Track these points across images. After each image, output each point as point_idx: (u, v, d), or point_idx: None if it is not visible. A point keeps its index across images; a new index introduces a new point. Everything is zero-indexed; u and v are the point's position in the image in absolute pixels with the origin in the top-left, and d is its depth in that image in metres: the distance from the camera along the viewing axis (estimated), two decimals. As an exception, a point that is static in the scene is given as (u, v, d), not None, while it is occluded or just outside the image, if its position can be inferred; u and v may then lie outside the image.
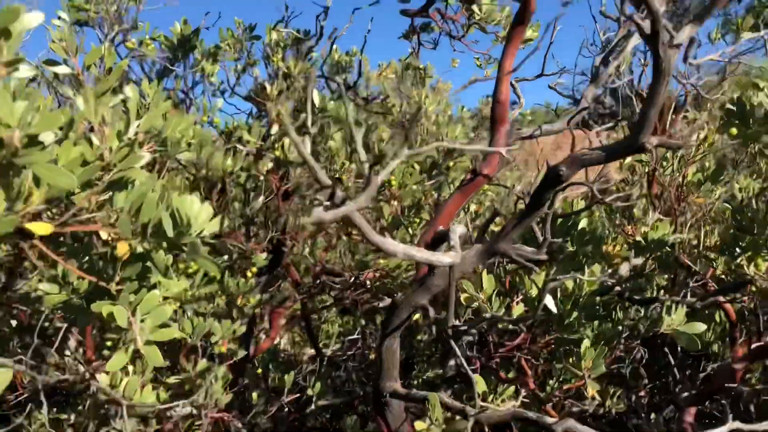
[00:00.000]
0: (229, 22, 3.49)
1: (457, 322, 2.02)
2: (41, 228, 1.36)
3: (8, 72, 1.02)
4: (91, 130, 1.72)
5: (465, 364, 1.91)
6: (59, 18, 3.27)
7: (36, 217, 1.38)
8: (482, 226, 2.18)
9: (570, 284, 2.29)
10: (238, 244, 3.26)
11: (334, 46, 4.11)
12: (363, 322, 5.22)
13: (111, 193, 1.71)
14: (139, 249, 1.75)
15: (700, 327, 2.18)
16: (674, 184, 4.02)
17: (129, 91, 2.73)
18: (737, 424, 1.85)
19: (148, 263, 1.82)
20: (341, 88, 3.47)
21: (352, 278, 3.68)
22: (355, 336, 5.24)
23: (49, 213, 1.51)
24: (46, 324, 2.47)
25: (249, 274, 3.31)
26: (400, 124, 6.32)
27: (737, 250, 2.63)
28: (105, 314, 1.67)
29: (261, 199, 3.36)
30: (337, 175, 3.70)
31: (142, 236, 1.65)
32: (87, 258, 1.83)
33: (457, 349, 1.92)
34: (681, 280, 3.83)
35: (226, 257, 3.47)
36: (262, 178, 3.27)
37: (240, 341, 3.36)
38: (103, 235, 1.70)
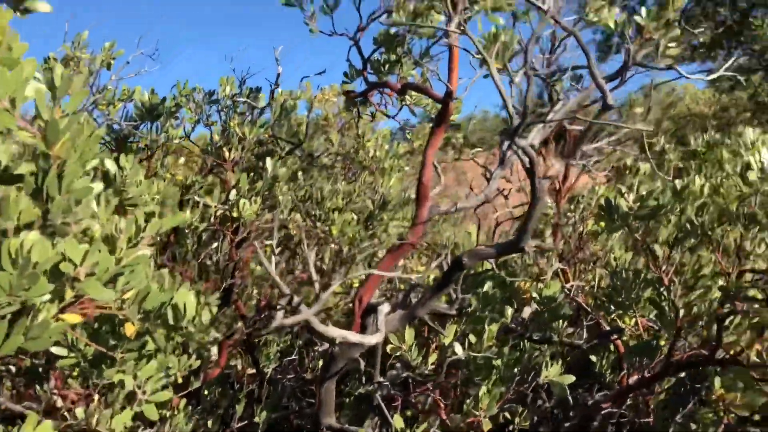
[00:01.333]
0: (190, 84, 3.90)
1: (381, 379, 2.54)
2: (74, 318, 1.82)
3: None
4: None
5: (385, 411, 2.43)
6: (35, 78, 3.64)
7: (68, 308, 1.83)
8: (403, 297, 2.71)
9: (473, 339, 2.84)
10: (192, 282, 3.70)
11: (281, 95, 4.58)
12: (300, 342, 5.68)
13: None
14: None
15: (570, 378, 2.77)
16: (575, 234, 4.68)
17: (108, 163, 3.17)
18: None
19: (148, 339, 2.31)
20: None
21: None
22: (292, 357, 5.69)
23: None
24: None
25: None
26: (343, 157, 6.84)
27: (612, 307, 3.24)
28: (116, 380, 2.16)
29: (215, 245, 3.81)
30: (283, 224, 4.17)
31: (145, 320, 2.13)
32: (92, 329, 2.29)
33: (381, 402, 2.44)
34: (582, 315, 4.48)
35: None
36: (215, 226, 3.71)
37: (192, 372, 3.80)
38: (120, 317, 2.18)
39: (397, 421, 2.59)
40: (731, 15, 15.25)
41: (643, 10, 3.01)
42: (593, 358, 4.33)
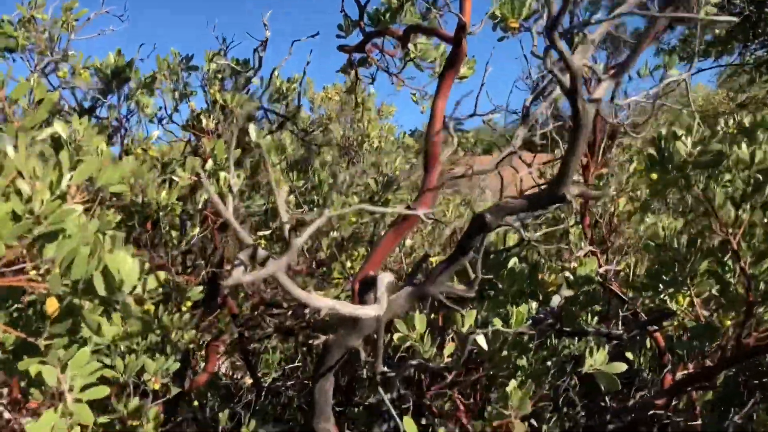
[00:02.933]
0: (165, 53, 3.44)
1: (385, 368, 2.03)
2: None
3: None
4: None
5: (393, 412, 1.92)
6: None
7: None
8: (412, 270, 2.21)
9: (498, 323, 2.33)
10: (172, 276, 3.21)
11: (276, 73, 4.12)
12: (304, 349, 5.19)
13: (41, 244, 1.69)
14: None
15: (621, 367, 2.25)
16: (606, 214, 4.16)
17: (58, 126, 2.68)
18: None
19: (79, 318, 1.81)
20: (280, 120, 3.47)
21: (291, 310, 3.67)
22: (296, 364, 5.19)
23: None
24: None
25: (184, 308, 3.26)
26: (344, 150, 6.37)
27: (660, 285, 2.73)
28: (33, 373, 1.66)
29: (196, 231, 3.32)
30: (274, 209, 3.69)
31: (73, 293, 1.64)
32: (15, 310, 1.80)
33: (385, 397, 1.93)
34: (614, 308, 3.94)
35: (160, 289, 3.42)
36: (198, 209, 3.24)
37: (174, 377, 3.30)
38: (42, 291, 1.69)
39: (408, 425, 2.08)
40: (747, 6, 14.67)
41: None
42: (629, 355, 3.81)
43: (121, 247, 1.67)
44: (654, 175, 2.21)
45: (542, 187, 2.45)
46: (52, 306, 1.62)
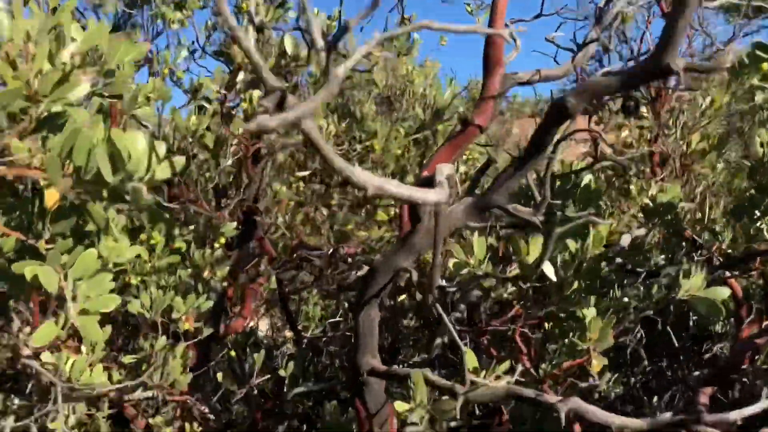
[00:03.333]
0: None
1: (444, 283, 1.73)
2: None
3: None
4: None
5: (454, 332, 1.63)
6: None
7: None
8: (474, 177, 1.90)
9: (573, 247, 2.01)
10: (204, 211, 2.97)
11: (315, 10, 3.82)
12: (346, 304, 4.94)
13: (43, 132, 1.44)
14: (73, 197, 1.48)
15: (724, 292, 1.91)
16: (678, 152, 3.77)
17: (73, 29, 2.42)
18: (770, 403, 1.58)
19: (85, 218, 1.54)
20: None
21: (331, 252, 3.40)
22: (337, 319, 4.95)
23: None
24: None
25: (217, 244, 3.02)
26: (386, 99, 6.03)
27: (756, 212, 2.35)
28: (29, 276, 1.38)
29: (229, 161, 3.06)
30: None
31: (77, 182, 1.37)
32: (15, 210, 1.55)
33: (444, 315, 1.63)
34: (682, 255, 3.57)
35: (191, 227, 3.18)
36: (230, 138, 2.97)
37: (206, 318, 3.07)
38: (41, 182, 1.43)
39: (470, 358, 1.79)
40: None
41: None
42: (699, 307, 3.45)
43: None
44: (765, 65, 1.84)
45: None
46: (51, 198, 1.35)
